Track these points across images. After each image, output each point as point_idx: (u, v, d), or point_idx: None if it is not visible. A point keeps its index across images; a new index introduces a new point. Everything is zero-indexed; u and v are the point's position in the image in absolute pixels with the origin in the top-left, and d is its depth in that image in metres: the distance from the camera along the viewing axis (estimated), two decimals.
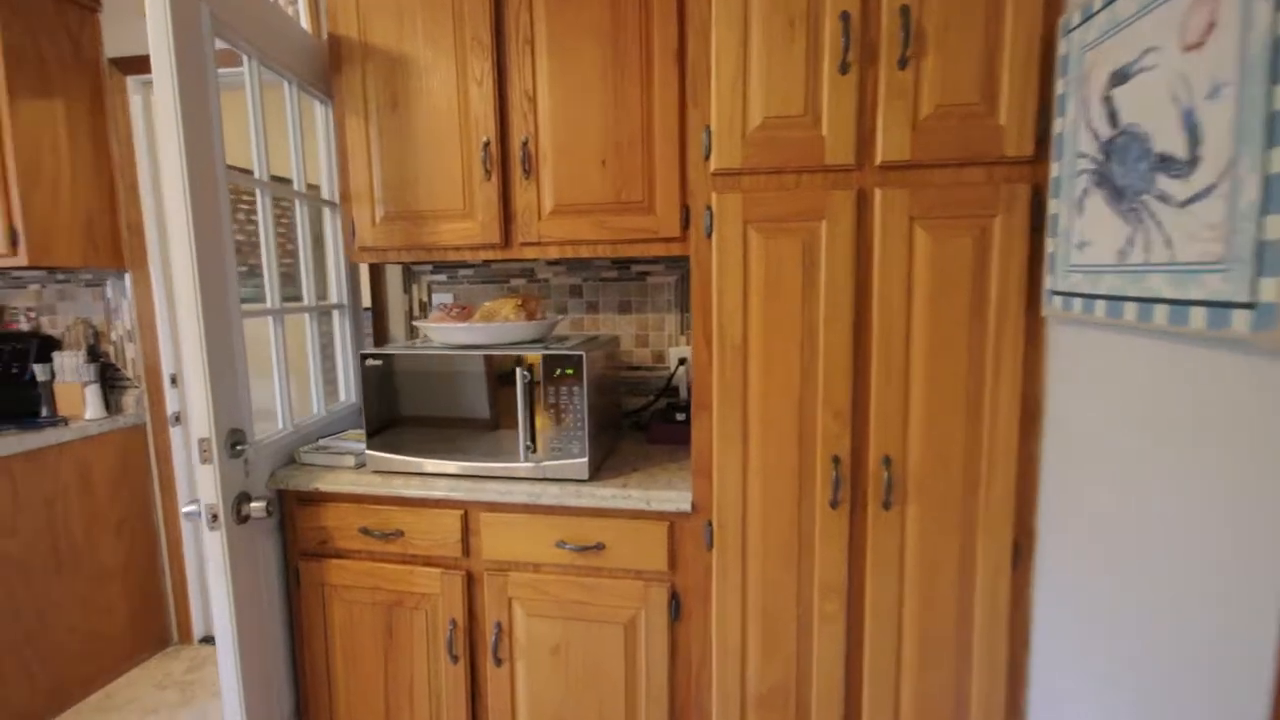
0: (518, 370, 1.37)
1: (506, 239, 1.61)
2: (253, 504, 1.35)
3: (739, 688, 1.32)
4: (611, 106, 1.50)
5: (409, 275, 2.06)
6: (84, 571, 2.09)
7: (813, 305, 1.20)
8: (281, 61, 1.55)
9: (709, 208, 1.23)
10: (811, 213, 1.18)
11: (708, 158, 1.22)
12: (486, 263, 2.00)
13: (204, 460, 1.29)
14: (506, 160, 1.58)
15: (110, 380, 2.28)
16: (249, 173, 1.54)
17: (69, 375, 2.19)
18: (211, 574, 1.33)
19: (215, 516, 1.31)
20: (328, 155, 1.83)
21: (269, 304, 1.57)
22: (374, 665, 1.52)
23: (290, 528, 1.53)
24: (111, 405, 2.28)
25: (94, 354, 2.27)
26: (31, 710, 1.92)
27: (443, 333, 1.46)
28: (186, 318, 1.25)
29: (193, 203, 1.23)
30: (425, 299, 2.06)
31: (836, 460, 1.22)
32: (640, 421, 1.88)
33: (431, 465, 1.45)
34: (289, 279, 2.55)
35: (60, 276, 2.29)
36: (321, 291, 1.95)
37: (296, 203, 1.71)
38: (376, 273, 2.07)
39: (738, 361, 1.24)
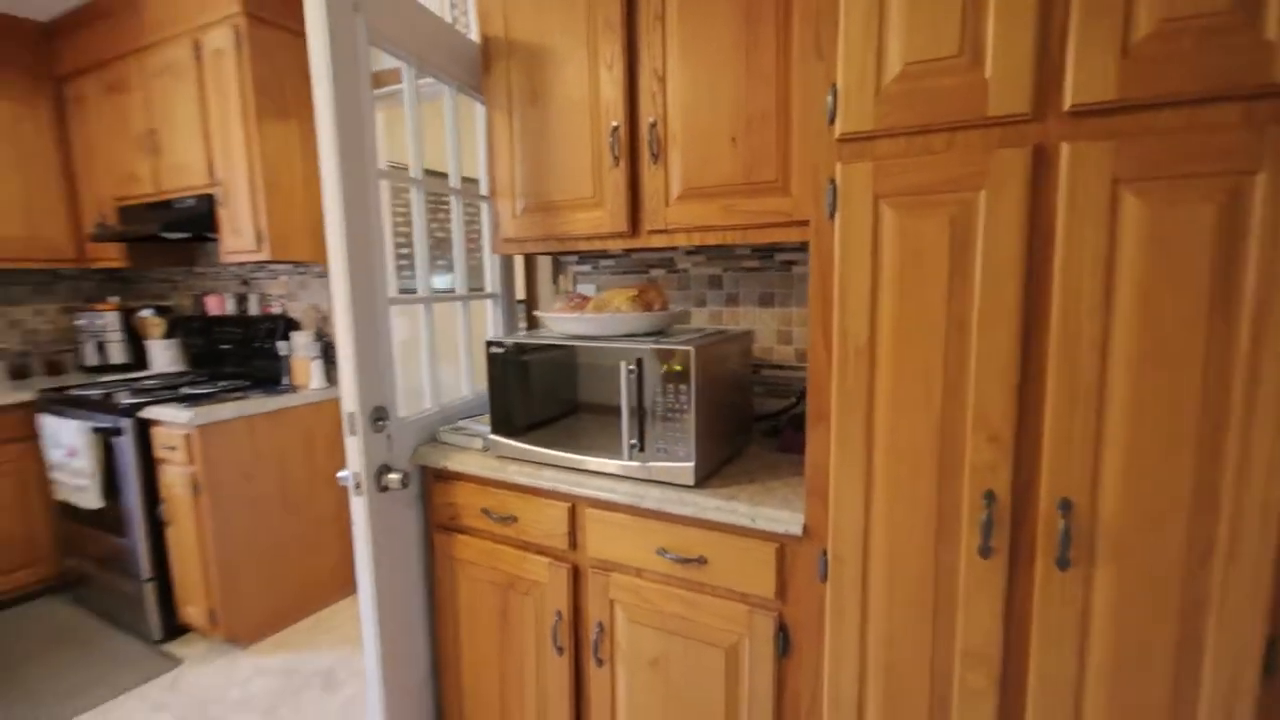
0: (622, 364, 1.30)
1: (634, 227, 1.54)
2: (390, 475, 1.47)
3: None
4: (744, 78, 1.34)
5: (557, 266, 2.11)
6: (305, 516, 2.51)
7: (963, 299, 0.94)
8: (440, 67, 1.66)
9: (832, 182, 1.03)
10: (966, 180, 0.93)
11: (832, 122, 1.02)
12: (628, 252, 1.96)
13: (350, 433, 1.43)
14: (635, 145, 1.51)
15: (331, 356, 2.70)
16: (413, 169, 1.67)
17: (301, 351, 2.62)
18: (355, 536, 1.48)
19: (359, 484, 1.44)
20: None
21: (420, 293, 1.70)
22: (491, 642, 1.58)
23: (428, 501, 1.65)
24: (331, 377, 2.69)
25: (320, 334, 2.70)
26: (256, 625, 2.35)
27: (556, 322, 1.44)
28: (338, 306, 1.39)
29: (344, 202, 1.36)
30: (571, 288, 2.09)
31: (990, 497, 0.96)
32: (777, 426, 1.71)
33: (542, 454, 1.45)
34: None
35: (300, 269, 2.75)
36: (480, 281, 2.07)
37: (452, 198, 1.82)
38: (530, 263, 2.16)
39: (862, 367, 1.03)
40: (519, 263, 2.15)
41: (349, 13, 1.36)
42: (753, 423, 1.70)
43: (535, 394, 1.46)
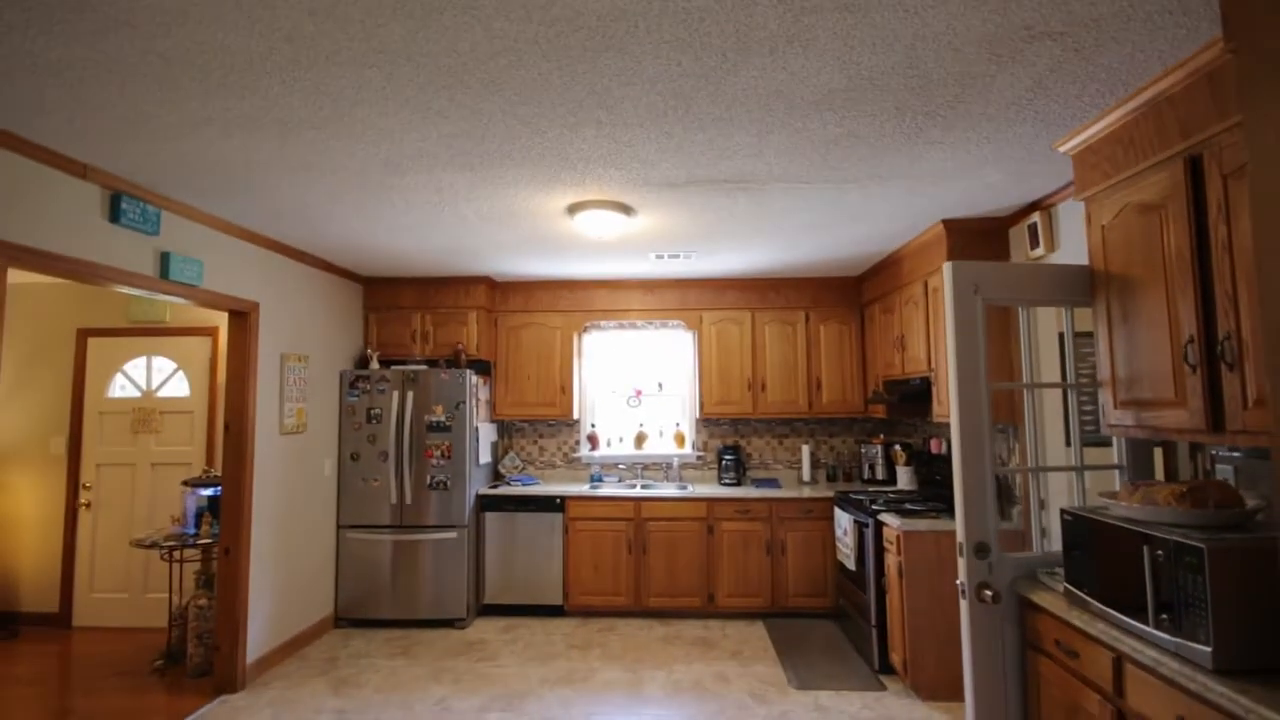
0: (1145, 548, 1.60)
1: (1216, 425, 1.73)
2: (986, 591, 2.15)
3: None
4: None
5: (1194, 449, 2.20)
6: None
7: None
8: (1047, 299, 2.29)
9: None
10: None
11: None
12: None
13: (960, 555, 2.22)
14: (1211, 356, 1.74)
15: (999, 495, 3.38)
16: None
17: None
18: (961, 627, 2.21)
19: (963, 591, 2.20)
20: None
21: (1029, 464, 2.31)
22: None
23: (1023, 622, 2.18)
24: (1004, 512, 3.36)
25: (998, 480, 3.44)
26: (932, 686, 3.19)
27: (1113, 505, 1.81)
28: (955, 475, 2.23)
29: (960, 402, 2.22)
30: (1208, 468, 2.14)
31: None
32: None
33: (1094, 605, 1.82)
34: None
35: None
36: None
37: (1068, 391, 2.35)
38: (1170, 447, 2.31)
39: None
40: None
41: (970, 295, 2.27)
42: None
43: (1097, 556, 1.86)
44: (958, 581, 2.24)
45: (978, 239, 3.38)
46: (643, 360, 5.21)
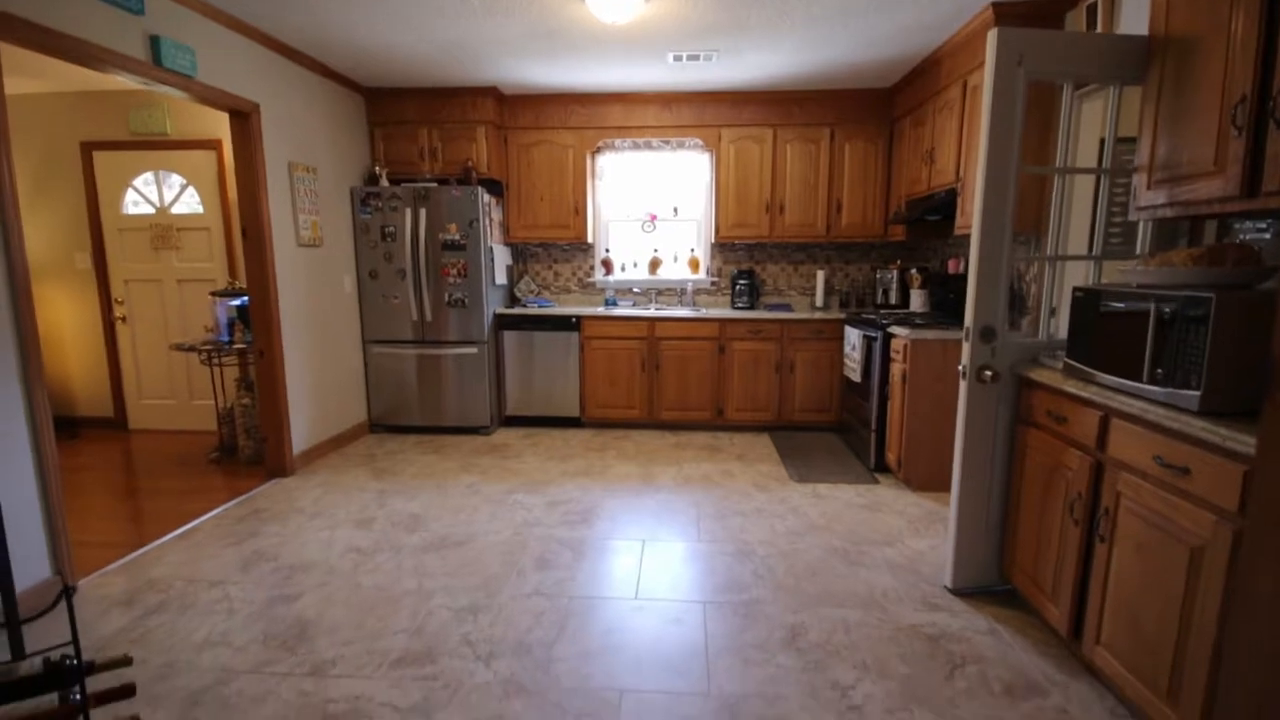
0: (1153, 305, 1.62)
1: (1251, 190, 1.68)
2: (986, 372, 2.23)
3: None
4: None
5: (1222, 227, 2.15)
6: None
7: None
8: (1097, 76, 2.14)
9: None
10: None
11: None
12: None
13: (965, 339, 2.27)
14: (1261, 116, 1.64)
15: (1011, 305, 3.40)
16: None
17: None
18: (959, 406, 2.33)
19: (964, 373, 2.28)
20: None
21: (1049, 253, 2.28)
22: (1035, 509, 2.14)
23: (1019, 401, 2.29)
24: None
25: (1013, 289, 3.43)
26: (922, 478, 3.45)
27: (1130, 274, 1.81)
28: (972, 261, 2.22)
29: (987, 181, 2.15)
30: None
31: None
32: None
33: (1091, 373, 1.89)
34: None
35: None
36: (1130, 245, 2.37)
37: (1101, 177, 2.26)
38: (1197, 226, 2.26)
39: None
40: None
41: (1014, 68, 2.11)
42: None
43: (1102, 328, 1.89)
44: (960, 365, 2.32)
45: (1029, 25, 3.07)
46: (658, 184, 5.05)
